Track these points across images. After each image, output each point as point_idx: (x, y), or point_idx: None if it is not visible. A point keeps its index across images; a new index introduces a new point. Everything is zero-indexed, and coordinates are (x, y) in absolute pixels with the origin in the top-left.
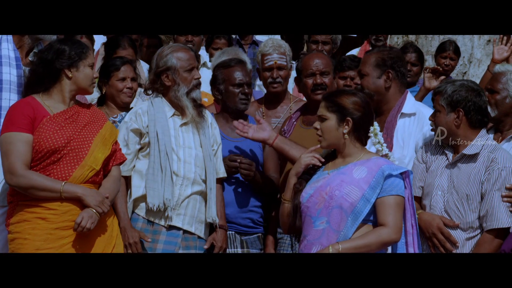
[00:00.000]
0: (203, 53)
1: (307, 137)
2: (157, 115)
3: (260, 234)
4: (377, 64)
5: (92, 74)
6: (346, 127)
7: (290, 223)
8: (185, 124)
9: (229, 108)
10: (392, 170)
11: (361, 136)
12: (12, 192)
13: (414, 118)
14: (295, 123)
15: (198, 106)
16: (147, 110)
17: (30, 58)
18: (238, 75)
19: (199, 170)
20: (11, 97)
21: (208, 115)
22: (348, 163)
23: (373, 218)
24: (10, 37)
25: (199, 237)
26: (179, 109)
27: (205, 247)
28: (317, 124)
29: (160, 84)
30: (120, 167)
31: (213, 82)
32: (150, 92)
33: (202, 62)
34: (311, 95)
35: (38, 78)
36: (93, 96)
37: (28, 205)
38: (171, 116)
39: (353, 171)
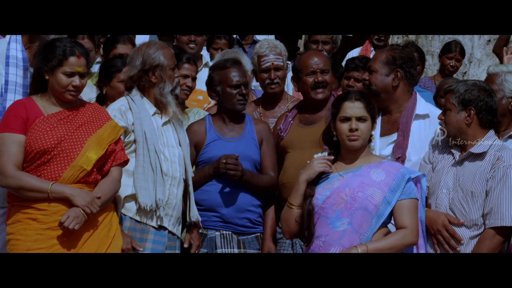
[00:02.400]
0: (204, 53)
1: (305, 136)
2: (141, 113)
3: (258, 234)
4: (387, 62)
5: (67, 82)
6: (374, 128)
7: (302, 228)
8: (165, 122)
9: (226, 109)
10: (411, 174)
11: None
12: (9, 193)
13: (429, 121)
14: (291, 121)
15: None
16: (129, 107)
17: None
18: (235, 76)
19: (182, 170)
20: (15, 98)
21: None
22: (357, 166)
23: (388, 221)
24: (19, 37)
25: (178, 237)
26: (160, 107)
27: (185, 246)
28: (357, 125)
29: (145, 81)
30: None
31: (210, 83)
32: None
33: (204, 62)
34: (312, 93)
35: (32, 78)
36: (91, 96)
37: (21, 206)
38: (153, 115)
39: (371, 174)
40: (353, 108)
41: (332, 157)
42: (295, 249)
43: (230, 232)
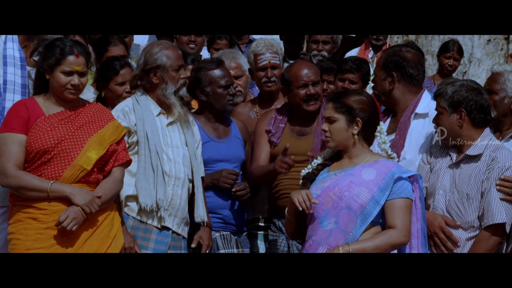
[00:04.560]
0: (205, 53)
1: (299, 148)
2: (144, 114)
3: (247, 232)
4: (383, 66)
5: (66, 81)
6: (356, 128)
7: (296, 228)
8: (171, 123)
9: (215, 109)
10: (401, 173)
11: (368, 136)
12: (11, 192)
13: (428, 120)
14: (283, 127)
15: (185, 105)
16: (133, 108)
17: (34, 58)
18: (225, 77)
19: (187, 170)
20: (14, 98)
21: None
22: (356, 165)
23: (381, 220)
24: (15, 36)
25: (183, 237)
26: (165, 108)
27: (193, 246)
28: (325, 126)
29: (147, 81)
30: None
31: (197, 84)
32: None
33: None
34: (304, 105)
35: (35, 78)
36: (89, 96)
37: (22, 205)
38: (157, 115)
39: (362, 173)
40: (326, 109)
41: (309, 184)
42: (292, 251)
43: (229, 233)
